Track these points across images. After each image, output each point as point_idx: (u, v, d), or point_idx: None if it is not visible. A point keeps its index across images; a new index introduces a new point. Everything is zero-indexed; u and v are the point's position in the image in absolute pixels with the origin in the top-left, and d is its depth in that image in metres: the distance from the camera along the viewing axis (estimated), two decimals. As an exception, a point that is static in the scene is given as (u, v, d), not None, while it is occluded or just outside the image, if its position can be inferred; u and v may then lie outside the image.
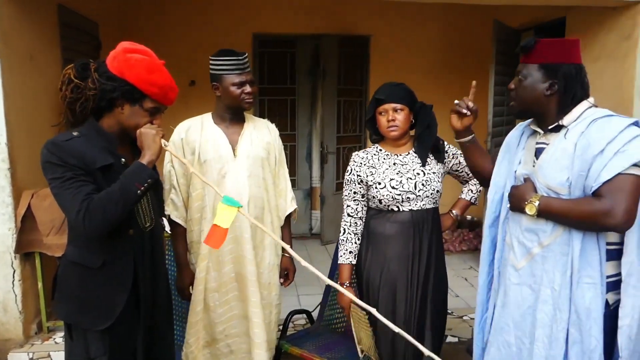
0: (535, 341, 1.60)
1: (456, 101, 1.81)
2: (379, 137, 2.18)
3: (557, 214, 1.55)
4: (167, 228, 2.20)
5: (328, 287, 2.94)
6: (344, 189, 2.17)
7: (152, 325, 1.76)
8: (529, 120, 1.78)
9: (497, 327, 1.74)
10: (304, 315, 3.04)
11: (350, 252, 2.14)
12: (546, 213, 1.56)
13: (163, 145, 1.61)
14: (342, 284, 2.13)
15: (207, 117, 2.18)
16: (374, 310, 1.15)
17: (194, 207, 2.14)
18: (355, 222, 2.13)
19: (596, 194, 1.48)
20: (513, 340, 1.68)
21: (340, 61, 5.20)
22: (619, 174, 1.44)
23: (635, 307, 1.53)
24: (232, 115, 2.16)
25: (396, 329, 1.05)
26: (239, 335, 2.17)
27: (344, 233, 2.15)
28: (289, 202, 2.31)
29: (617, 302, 1.59)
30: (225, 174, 2.10)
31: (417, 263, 2.06)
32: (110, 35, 4.21)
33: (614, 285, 1.57)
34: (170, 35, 4.94)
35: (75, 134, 1.57)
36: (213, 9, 5.00)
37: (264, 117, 2.44)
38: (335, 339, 2.73)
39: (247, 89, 2.07)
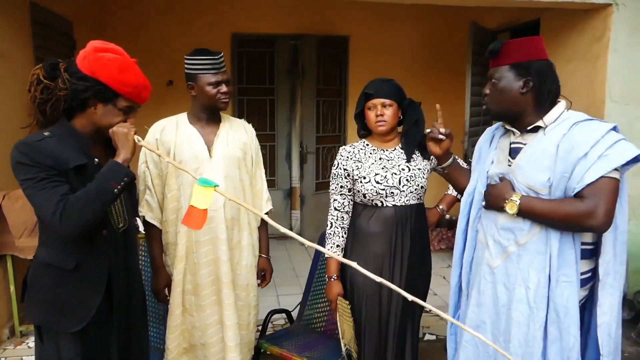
0: (511, 340, 1.62)
1: (427, 130, 1.83)
2: (366, 132, 2.19)
3: (539, 214, 1.57)
4: (142, 229, 2.17)
5: (308, 286, 2.94)
6: (330, 183, 2.18)
7: (126, 326, 1.73)
8: (499, 123, 1.81)
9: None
10: (284, 315, 3.04)
11: (338, 245, 2.15)
12: (527, 212, 1.58)
13: (136, 141, 1.59)
14: (329, 278, 2.15)
15: (182, 117, 2.15)
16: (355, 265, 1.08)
17: (169, 209, 2.11)
18: (342, 216, 2.15)
19: (578, 195, 1.51)
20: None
21: (320, 61, 5.22)
22: (602, 177, 1.48)
23: (613, 305, 1.57)
24: (208, 116, 2.13)
25: (378, 279, 1.03)
26: (215, 345, 2.14)
27: (331, 227, 2.16)
28: (264, 203, 2.30)
29: (584, 299, 1.64)
30: (201, 175, 2.07)
31: (399, 260, 2.08)
32: (85, 35, 4.12)
33: (583, 282, 1.61)
34: (148, 34, 4.88)
35: (46, 134, 1.53)
36: (191, 8, 4.96)
37: (242, 117, 2.42)
38: (315, 338, 2.73)
39: (223, 88, 2.05)
